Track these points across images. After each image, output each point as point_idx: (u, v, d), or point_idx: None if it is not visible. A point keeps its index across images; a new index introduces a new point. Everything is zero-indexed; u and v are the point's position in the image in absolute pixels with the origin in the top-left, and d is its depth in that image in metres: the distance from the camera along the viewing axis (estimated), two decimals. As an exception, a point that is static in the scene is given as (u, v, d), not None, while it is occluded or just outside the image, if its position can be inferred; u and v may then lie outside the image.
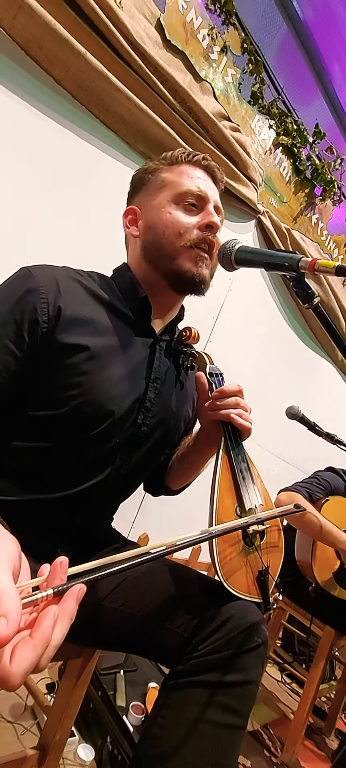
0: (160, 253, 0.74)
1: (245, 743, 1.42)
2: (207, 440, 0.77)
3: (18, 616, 0.29)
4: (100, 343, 0.67)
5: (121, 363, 0.69)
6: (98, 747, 1.06)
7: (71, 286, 0.69)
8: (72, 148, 1.34)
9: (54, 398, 0.65)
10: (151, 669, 1.34)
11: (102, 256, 1.23)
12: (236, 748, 0.56)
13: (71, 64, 1.24)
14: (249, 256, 0.61)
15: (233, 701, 0.55)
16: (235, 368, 1.40)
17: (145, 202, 0.78)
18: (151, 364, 0.74)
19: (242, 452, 0.71)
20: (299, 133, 1.91)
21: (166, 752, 0.53)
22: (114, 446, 0.70)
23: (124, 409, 0.69)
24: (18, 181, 1.23)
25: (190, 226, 0.73)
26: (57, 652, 0.77)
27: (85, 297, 0.70)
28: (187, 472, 0.83)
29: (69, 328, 0.65)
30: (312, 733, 1.71)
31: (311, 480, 1.60)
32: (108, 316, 0.71)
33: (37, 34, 1.17)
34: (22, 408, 0.66)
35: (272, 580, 0.66)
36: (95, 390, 0.65)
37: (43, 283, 0.65)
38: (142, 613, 0.64)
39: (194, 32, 1.54)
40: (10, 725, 1.03)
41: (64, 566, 0.35)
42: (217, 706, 0.54)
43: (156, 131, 1.46)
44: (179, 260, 0.73)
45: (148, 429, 0.73)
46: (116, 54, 1.31)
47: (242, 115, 1.75)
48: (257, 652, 0.57)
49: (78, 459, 0.68)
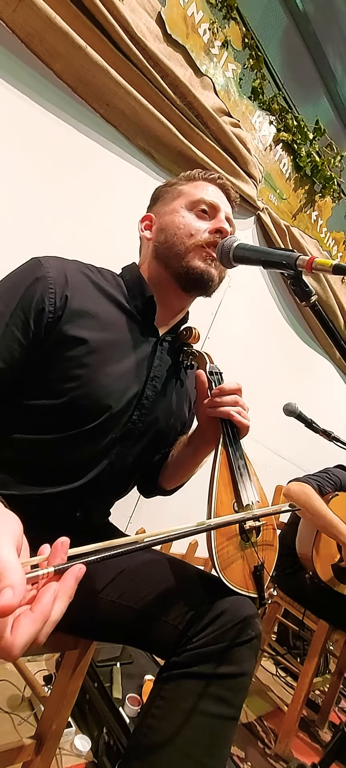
0: (171, 251, 0.76)
1: (240, 735, 1.44)
2: (204, 438, 0.78)
3: (23, 588, 0.31)
4: (102, 337, 0.68)
5: (122, 359, 0.70)
6: (95, 738, 1.07)
7: (79, 279, 0.71)
8: (72, 143, 1.33)
9: (54, 388, 0.66)
10: (147, 661, 1.36)
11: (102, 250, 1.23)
12: (228, 739, 0.57)
13: (72, 58, 1.23)
14: (247, 253, 0.61)
15: (227, 693, 0.56)
16: (233, 365, 1.40)
17: (161, 210, 0.82)
18: (151, 362, 0.75)
19: (239, 449, 0.72)
20: (300, 129, 1.90)
21: (161, 742, 0.54)
22: (110, 441, 0.70)
23: (121, 405, 0.69)
24: (18, 174, 1.23)
25: (201, 230, 0.77)
26: (54, 643, 0.77)
27: (92, 291, 0.71)
28: (181, 471, 0.84)
29: (74, 320, 0.66)
30: (306, 726, 1.74)
31: (321, 474, 1.62)
32: (113, 312, 0.73)
33: (37, 27, 1.16)
34: (22, 396, 0.67)
35: (268, 576, 0.68)
36: (94, 383, 0.66)
37: (52, 274, 0.66)
38: (138, 606, 0.64)
39: (195, 26, 1.53)
40: (7, 716, 1.05)
41: (65, 546, 0.37)
42: (210, 698, 0.55)
43: (156, 126, 1.45)
44: (188, 258, 0.75)
45: (143, 426, 0.74)
46: (117, 48, 1.30)
47: (242, 111, 1.75)
48: (251, 645, 0.58)
49: (75, 453, 0.68)
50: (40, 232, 1.28)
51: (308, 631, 1.71)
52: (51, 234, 1.30)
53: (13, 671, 1.10)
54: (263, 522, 0.70)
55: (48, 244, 1.28)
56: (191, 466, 0.83)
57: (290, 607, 1.67)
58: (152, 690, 0.60)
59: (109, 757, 1.01)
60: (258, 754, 1.40)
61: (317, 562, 1.51)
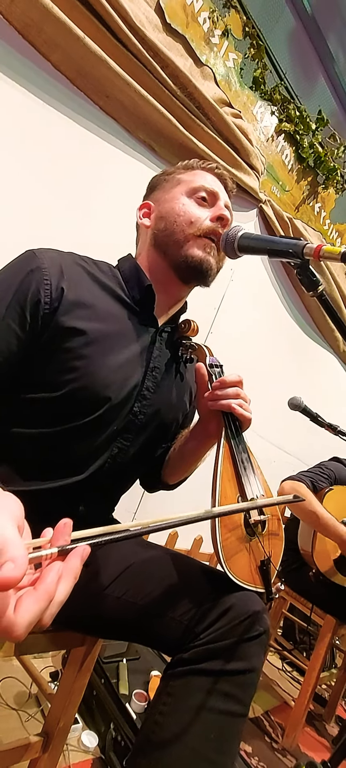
0: (171, 239, 0.75)
1: (247, 729, 1.44)
2: (205, 432, 0.77)
3: (25, 563, 0.30)
4: (100, 328, 0.67)
5: (120, 350, 0.69)
6: (102, 734, 1.07)
7: (75, 270, 0.70)
8: (71, 135, 1.32)
9: (52, 381, 0.65)
10: (153, 657, 1.36)
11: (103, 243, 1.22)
12: (237, 735, 0.56)
13: (70, 49, 1.22)
14: (252, 243, 0.60)
15: (235, 689, 0.55)
16: (236, 359, 1.39)
17: (160, 197, 0.81)
18: (151, 353, 0.74)
19: (242, 443, 0.71)
20: (302, 120, 1.87)
21: (168, 738, 0.53)
22: (111, 434, 0.70)
23: (121, 396, 0.68)
24: (16, 168, 1.22)
25: (201, 217, 0.76)
26: (60, 640, 0.77)
27: (88, 283, 0.70)
28: (184, 464, 0.83)
29: (70, 312, 0.65)
30: (313, 720, 1.74)
31: (315, 469, 1.61)
32: (110, 303, 0.72)
33: (35, 18, 1.14)
34: (21, 391, 0.66)
35: (274, 570, 0.67)
36: (93, 375, 0.65)
37: (47, 265, 0.65)
38: (144, 602, 0.64)
39: (195, 15, 1.50)
40: (14, 712, 1.05)
41: (69, 527, 0.36)
42: (219, 694, 0.54)
43: (157, 118, 1.43)
44: (187, 246, 0.75)
45: (144, 418, 0.73)
46: (116, 38, 1.28)
47: (243, 101, 1.72)
48: (259, 641, 0.57)
49: (76, 446, 0.68)
50: (39, 224, 1.27)
51: (315, 626, 1.70)
52: (51, 227, 1.29)
53: (19, 668, 1.09)
54: (268, 515, 0.69)
55: (47, 237, 1.26)
56: (193, 460, 0.82)
57: (296, 602, 1.66)
58: (159, 686, 0.60)
59: (117, 752, 1.01)
60: (266, 748, 1.40)
61: (318, 558, 1.50)
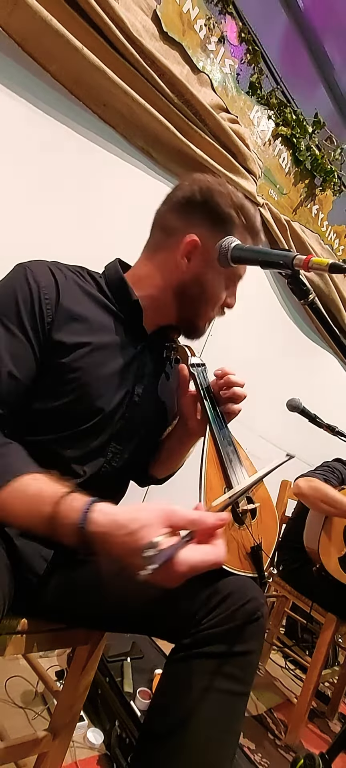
0: (193, 305, 0.78)
1: (250, 726, 1.45)
2: (186, 430, 0.80)
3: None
4: (93, 341, 0.69)
5: (112, 361, 0.72)
6: (107, 731, 1.09)
7: (68, 284, 0.71)
8: (70, 144, 1.34)
9: (47, 393, 0.67)
10: (157, 656, 1.38)
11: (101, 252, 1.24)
12: (241, 713, 0.60)
13: (68, 59, 1.24)
14: (245, 254, 0.62)
15: (236, 670, 0.58)
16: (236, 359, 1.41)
17: (210, 249, 0.72)
18: (140, 360, 0.76)
19: (227, 436, 0.75)
20: (299, 123, 1.89)
21: (175, 720, 0.56)
22: (105, 440, 0.72)
23: (113, 405, 0.71)
24: (15, 177, 1.24)
25: (221, 302, 0.79)
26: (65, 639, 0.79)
27: (79, 295, 0.72)
28: (169, 461, 0.86)
29: (66, 326, 0.67)
30: (315, 717, 1.75)
31: (324, 468, 1.64)
32: (101, 315, 0.73)
33: (33, 29, 1.17)
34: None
35: (267, 557, 0.69)
36: (87, 387, 0.68)
37: (45, 282, 0.67)
38: (146, 594, 0.66)
39: (191, 23, 1.53)
40: (21, 710, 1.07)
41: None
42: (221, 675, 0.57)
43: (154, 125, 1.46)
44: (199, 318, 0.79)
45: (135, 423, 0.75)
46: (113, 48, 1.30)
47: (240, 107, 1.75)
48: (257, 624, 0.60)
49: (71, 452, 0.70)
50: (38, 233, 1.29)
51: (317, 624, 1.71)
52: (49, 236, 1.31)
53: (25, 668, 1.12)
54: (257, 503, 0.72)
55: (46, 246, 1.29)
56: (177, 457, 0.86)
57: (298, 601, 1.68)
58: (164, 672, 0.62)
59: (122, 749, 1.03)
60: (269, 745, 1.42)
61: (324, 555, 1.52)
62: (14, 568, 0.63)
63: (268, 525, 0.73)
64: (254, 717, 1.52)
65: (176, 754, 0.55)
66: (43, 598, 0.68)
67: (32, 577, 0.67)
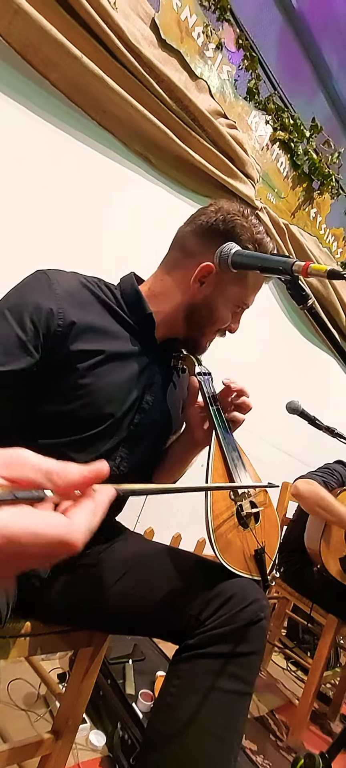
0: (200, 326, 0.81)
1: (252, 728, 1.46)
2: (192, 439, 0.82)
3: None
4: (106, 349, 0.72)
5: (124, 368, 0.74)
6: (109, 733, 1.09)
7: (83, 293, 0.74)
8: (69, 150, 1.35)
9: (59, 398, 0.69)
10: (158, 658, 1.38)
11: (100, 257, 1.25)
12: (244, 713, 0.61)
13: (67, 67, 1.26)
14: (245, 260, 0.64)
15: (240, 670, 0.59)
16: (237, 361, 1.42)
17: (223, 275, 0.75)
18: (150, 369, 0.79)
19: (232, 442, 0.77)
20: (296, 127, 1.91)
21: (180, 719, 0.57)
22: (114, 445, 0.74)
23: (123, 411, 0.73)
24: (16, 183, 1.25)
25: (225, 324, 0.83)
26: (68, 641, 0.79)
27: (94, 304, 0.74)
28: (172, 469, 0.88)
29: (80, 334, 0.69)
30: (317, 718, 1.75)
31: (323, 470, 1.64)
32: (114, 324, 0.76)
33: (33, 38, 1.18)
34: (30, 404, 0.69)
35: (270, 560, 0.70)
36: (98, 392, 0.70)
37: (60, 290, 0.69)
38: (151, 596, 0.67)
39: (189, 30, 1.54)
40: (24, 713, 1.07)
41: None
42: (225, 675, 0.58)
43: (153, 131, 1.47)
44: (204, 337, 0.83)
45: (144, 428, 0.78)
46: (112, 56, 1.32)
47: (238, 112, 1.76)
48: (260, 625, 0.61)
49: (81, 456, 0.71)
50: (38, 239, 1.30)
51: (318, 626, 1.72)
52: (49, 242, 1.32)
53: (27, 670, 1.12)
54: (261, 508, 0.73)
55: (46, 252, 1.31)
56: (180, 465, 0.88)
57: (299, 603, 1.68)
58: (168, 671, 0.63)
59: (124, 751, 1.04)
60: (271, 747, 1.42)
61: (325, 556, 1.53)
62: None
63: (270, 530, 0.75)
64: (255, 719, 1.53)
65: (182, 752, 0.56)
66: (46, 600, 0.70)
67: (36, 580, 0.68)
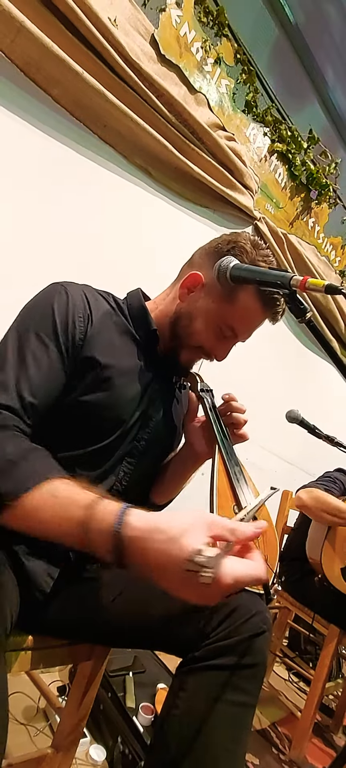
0: (178, 334, 0.79)
1: (254, 741, 1.44)
2: (192, 455, 0.83)
3: None
4: (115, 363, 0.73)
5: (130, 383, 0.75)
6: (109, 747, 1.08)
7: (97, 305, 0.75)
8: (71, 164, 1.37)
9: (68, 410, 0.70)
10: (159, 670, 1.37)
11: (102, 270, 1.26)
12: (248, 724, 0.61)
13: (69, 83, 1.28)
14: (244, 273, 0.64)
15: (244, 682, 0.59)
16: (237, 370, 1.43)
17: (209, 288, 0.76)
18: (153, 384, 0.79)
19: (234, 456, 0.78)
20: (294, 139, 1.94)
21: (186, 730, 0.58)
22: (117, 459, 0.75)
23: (128, 425, 0.75)
24: (18, 197, 1.27)
25: (209, 346, 0.79)
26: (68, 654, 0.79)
27: (107, 319, 0.76)
28: (171, 486, 0.89)
29: (94, 346, 0.71)
30: (320, 731, 1.73)
31: (324, 478, 1.64)
32: (122, 339, 0.77)
33: (35, 56, 1.21)
34: None
35: (271, 573, 0.70)
36: (105, 407, 0.71)
37: (79, 302, 0.71)
38: (154, 610, 0.67)
39: (188, 45, 1.57)
40: (23, 727, 1.06)
41: None
42: (230, 687, 0.58)
43: (153, 145, 1.50)
44: (182, 349, 0.80)
45: (146, 444, 0.78)
46: (112, 71, 1.35)
47: (236, 125, 1.79)
48: (263, 637, 0.62)
49: (86, 471, 0.72)
50: (40, 253, 1.32)
51: (320, 636, 1.70)
52: (52, 255, 1.34)
53: (27, 684, 1.11)
54: (262, 521, 0.73)
55: (48, 265, 1.32)
56: (179, 481, 0.88)
57: (301, 613, 1.67)
58: (173, 684, 0.63)
59: (125, 765, 1.02)
60: (273, 760, 1.40)
61: (326, 565, 1.52)
62: (21, 586, 0.64)
63: (271, 543, 0.75)
64: (257, 731, 1.51)
65: (192, 765, 0.56)
66: (49, 613, 0.69)
67: (38, 594, 0.68)
